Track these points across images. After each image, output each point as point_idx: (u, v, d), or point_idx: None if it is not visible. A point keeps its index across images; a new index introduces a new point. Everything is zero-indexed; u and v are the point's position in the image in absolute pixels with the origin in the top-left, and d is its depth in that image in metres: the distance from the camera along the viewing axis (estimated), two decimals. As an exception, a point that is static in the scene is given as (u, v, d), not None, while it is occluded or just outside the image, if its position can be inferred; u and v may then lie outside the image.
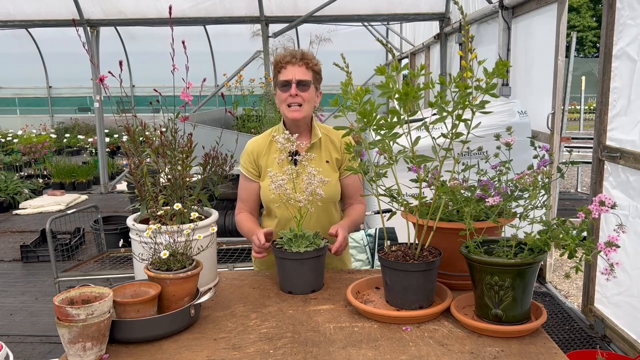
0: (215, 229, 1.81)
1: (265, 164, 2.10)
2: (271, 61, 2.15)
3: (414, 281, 1.54)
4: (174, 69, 1.66)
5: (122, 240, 2.35)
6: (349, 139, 1.76)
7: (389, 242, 1.67)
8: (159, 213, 1.75)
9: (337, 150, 2.14)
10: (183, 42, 1.70)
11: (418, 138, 1.50)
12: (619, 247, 1.25)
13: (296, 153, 1.97)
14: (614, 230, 1.27)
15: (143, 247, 1.65)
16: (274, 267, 1.93)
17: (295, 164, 1.97)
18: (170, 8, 1.89)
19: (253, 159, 2.12)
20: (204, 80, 2.09)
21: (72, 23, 2.87)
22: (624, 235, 1.27)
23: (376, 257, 3.26)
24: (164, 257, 1.52)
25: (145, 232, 1.58)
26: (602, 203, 1.27)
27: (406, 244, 1.68)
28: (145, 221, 1.78)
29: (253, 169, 2.13)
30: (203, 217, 1.81)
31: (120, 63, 1.79)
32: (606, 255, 1.24)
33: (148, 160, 1.72)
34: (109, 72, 1.63)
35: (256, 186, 2.13)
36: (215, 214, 1.86)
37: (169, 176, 1.72)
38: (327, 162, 2.12)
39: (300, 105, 2.02)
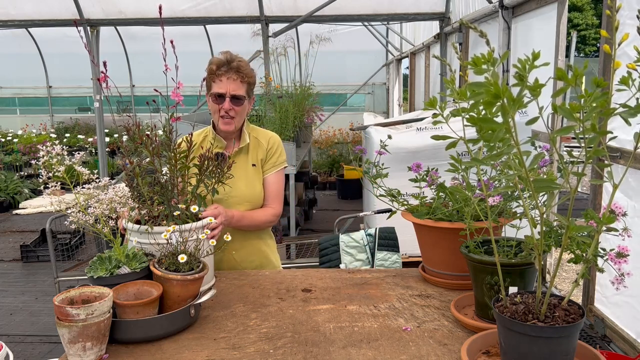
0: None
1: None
2: (210, 61, 2.08)
3: (536, 350, 1.09)
4: (166, 69, 1.66)
5: (122, 239, 2.34)
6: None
7: (515, 289, 1.28)
8: (154, 214, 1.74)
9: (263, 150, 2.17)
10: (172, 42, 1.70)
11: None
12: (628, 255, 1.23)
13: (222, 156, 1.98)
14: (619, 234, 1.25)
15: (142, 246, 1.65)
16: None
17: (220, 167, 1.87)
18: (160, 7, 1.89)
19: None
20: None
21: (72, 23, 2.86)
22: (624, 235, 1.27)
23: (376, 257, 3.26)
24: (181, 260, 1.51)
25: (163, 235, 1.57)
26: (611, 212, 1.23)
27: (534, 293, 1.22)
28: (138, 221, 1.78)
29: None
30: (201, 214, 1.81)
31: (105, 63, 1.72)
32: (616, 265, 1.23)
33: (145, 160, 1.72)
34: (102, 72, 1.61)
35: None
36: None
37: (165, 177, 1.72)
38: (253, 165, 2.14)
39: (232, 117, 2.05)
